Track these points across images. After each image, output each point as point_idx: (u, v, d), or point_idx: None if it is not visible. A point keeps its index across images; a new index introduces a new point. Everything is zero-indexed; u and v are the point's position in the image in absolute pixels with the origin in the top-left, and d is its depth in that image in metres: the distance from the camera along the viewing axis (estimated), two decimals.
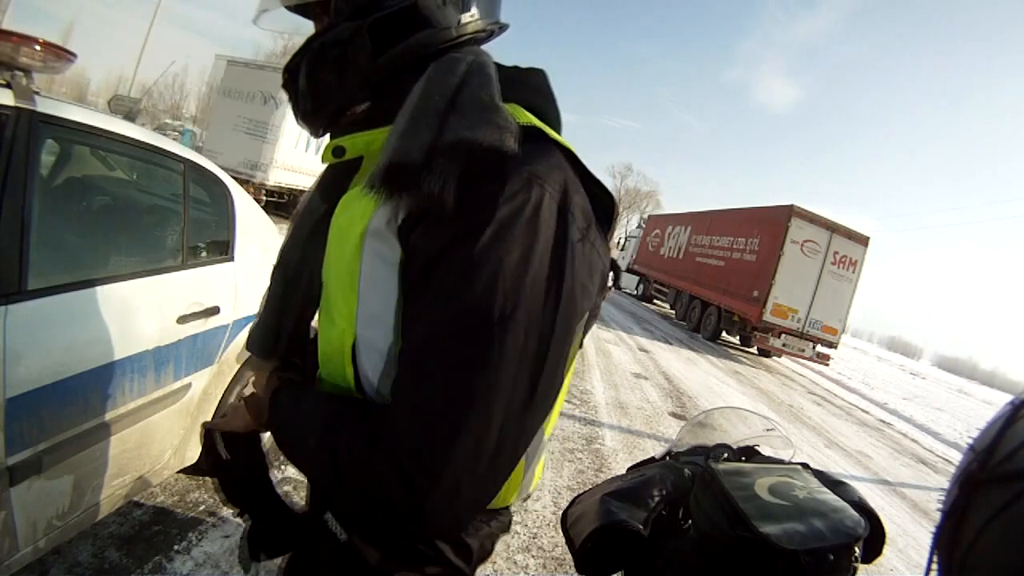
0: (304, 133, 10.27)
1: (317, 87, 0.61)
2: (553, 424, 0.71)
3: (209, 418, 1.81)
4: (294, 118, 0.66)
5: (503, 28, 0.69)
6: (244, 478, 0.75)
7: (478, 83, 0.54)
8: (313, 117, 0.64)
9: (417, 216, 0.50)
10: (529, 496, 0.77)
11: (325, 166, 0.66)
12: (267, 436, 0.71)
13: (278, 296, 0.69)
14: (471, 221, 0.47)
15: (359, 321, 0.54)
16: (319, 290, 0.61)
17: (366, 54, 0.58)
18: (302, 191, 10.88)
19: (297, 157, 10.74)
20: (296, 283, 0.67)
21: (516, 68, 0.64)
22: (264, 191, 10.21)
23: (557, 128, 0.63)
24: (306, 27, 0.69)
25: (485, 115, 0.51)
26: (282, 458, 1.98)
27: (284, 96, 0.66)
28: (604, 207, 0.59)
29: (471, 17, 0.61)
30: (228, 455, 0.74)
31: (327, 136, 0.67)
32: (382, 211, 0.51)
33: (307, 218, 0.67)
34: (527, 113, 0.57)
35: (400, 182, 0.49)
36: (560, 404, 0.68)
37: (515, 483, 0.66)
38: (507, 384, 0.46)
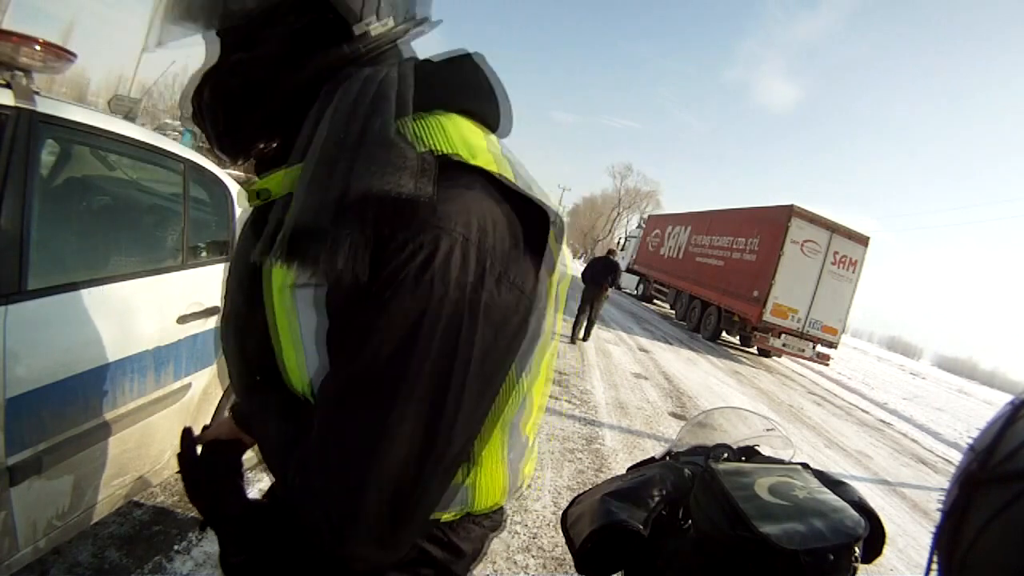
0: None
1: (223, 118, 0.57)
2: (534, 424, 0.72)
3: (209, 419, 1.81)
4: (210, 152, 0.61)
5: (431, 23, 0.63)
6: (212, 479, 0.72)
7: (375, 111, 0.49)
8: (225, 149, 0.59)
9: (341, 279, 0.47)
10: (521, 493, 0.78)
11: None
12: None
13: (234, 351, 0.65)
14: (376, 282, 0.45)
15: (311, 376, 0.53)
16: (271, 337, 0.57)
17: (268, 80, 0.54)
18: None
19: None
20: (247, 333, 0.61)
21: (443, 62, 0.59)
22: None
23: (495, 121, 0.60)
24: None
25: (392, 158, 0.46)
26: None
27: None
28: (538, 224, 0.54)
29: (383, 25, 0.55)
30: (201, 453, 0.74)
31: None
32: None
33: (243, 264, 0.61)
34: (451, 124, 0.53)
35: (307, 253, 0.45)
36: (538, 405, 0.69)
37: (497, 486, 0.66)
38: (407, 438, 0.46)
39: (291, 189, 0.51)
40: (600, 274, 7.80)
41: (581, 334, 7.73)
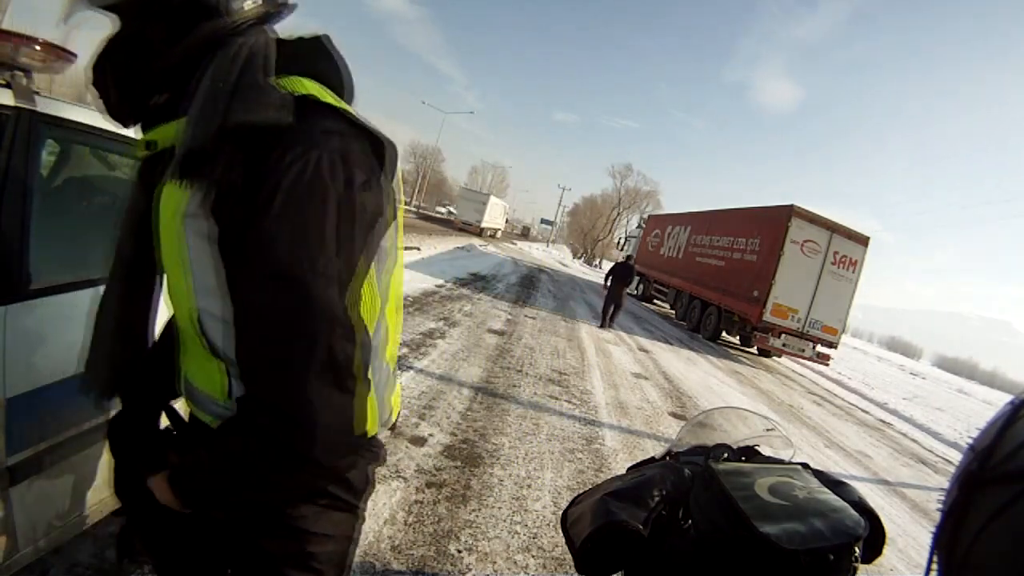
0: (492, 208, 33.58)
1: (121, 81, 0.67)
2: (392, 354, 0.80)
3: None
4: (104, 114, 0.71)
5: (288, 7, 0.75)
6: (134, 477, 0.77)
7: (254, 67, 0.63)
8: (119, 110, 0.69)
9: (224, 195, 0.58)
10: (394, 426, 0.87)
11: (141, 160, 0.73)
12: None
13: (117, 295, 0.74)
14: (264, 193, 0.57)
15: (196, 295, 0.64)
16: (156, 276, 0.71)
17: (160, 46, 0.64)
18: (490, 227, 32.66)
19: (490, 217, 33.01)
20: (136, 273, 0.74)
21: (298, 40, 0.73)
22: (480, 230, 30.94)
23: (340, 85, 0.72)
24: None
25: (260, 97, 0.60)
26: None
27: (485, 200, 0.74)
28: (380, 152, 0.67)
29: (252, 3, 0.67)
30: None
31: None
32: (195, 194, 0.60)
33: (133, 214, 0.73)
34: (307, 83, 0.66)
35: (195, 169, 0.58)
36: (393, 335, 0.79)
37: (372, 412, 0.73)
38: (323, 320, 0.57)
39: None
40: (622, 275, 9.74)
41: (608, 322, 9.60)
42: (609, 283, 9.77)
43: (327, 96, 0.66)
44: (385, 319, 0.75)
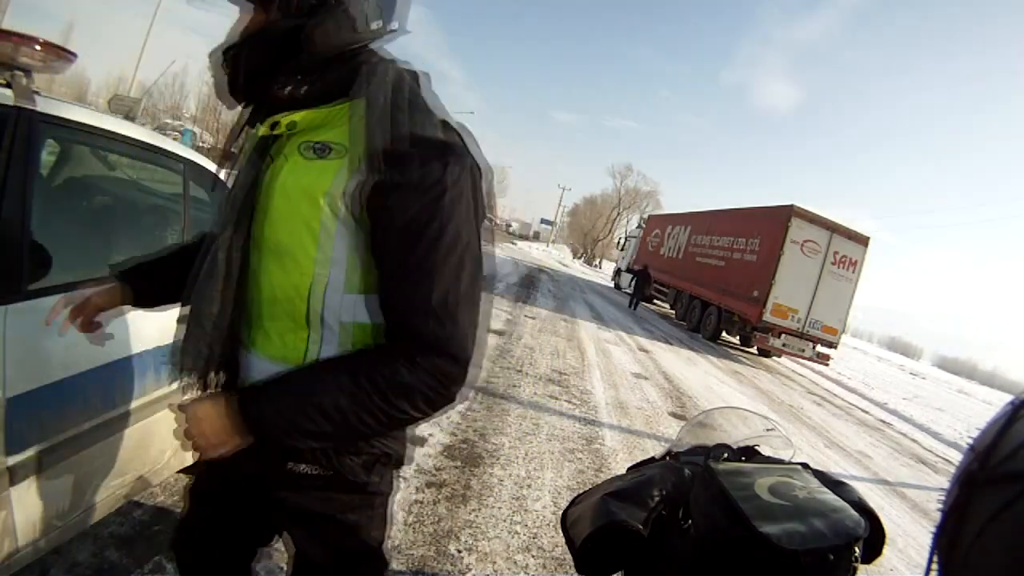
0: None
1: (258, 69, 0.74)
2: None
3: None
4: (218, 93, 0.78)
5: (396, 32, 0.84)
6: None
7: (415, 91, 0.76)
8: (244, 93, 0.77)
9: (383, 185, 0.68)
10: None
11: (255, 137, 0.79)
12: None
13: (225, 260, 0.78)
14: (431, 187, 0.69)
15: (328, 264, 0.72)
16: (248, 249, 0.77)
17: (304, 45, 0.71)
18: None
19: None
20: (241, 244, 0.78)
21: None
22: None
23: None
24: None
25: (430, 117, 0.74)
26: None
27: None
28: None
29: (379, 24, 0.78)
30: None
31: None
32: (350, 179, 0.69)
33: (242, 189, 0.78)
34: None
35: (391, 162, 0.68)
36: None
37: None
38: (469, 270, 0.73)
39: (318, 124, 0.74)
40: (643, 277, 14.92)
41: (635, 306, 14.80)
42: (634, 284, 15.20)
43: (451, 121, 0.78)
44: None
